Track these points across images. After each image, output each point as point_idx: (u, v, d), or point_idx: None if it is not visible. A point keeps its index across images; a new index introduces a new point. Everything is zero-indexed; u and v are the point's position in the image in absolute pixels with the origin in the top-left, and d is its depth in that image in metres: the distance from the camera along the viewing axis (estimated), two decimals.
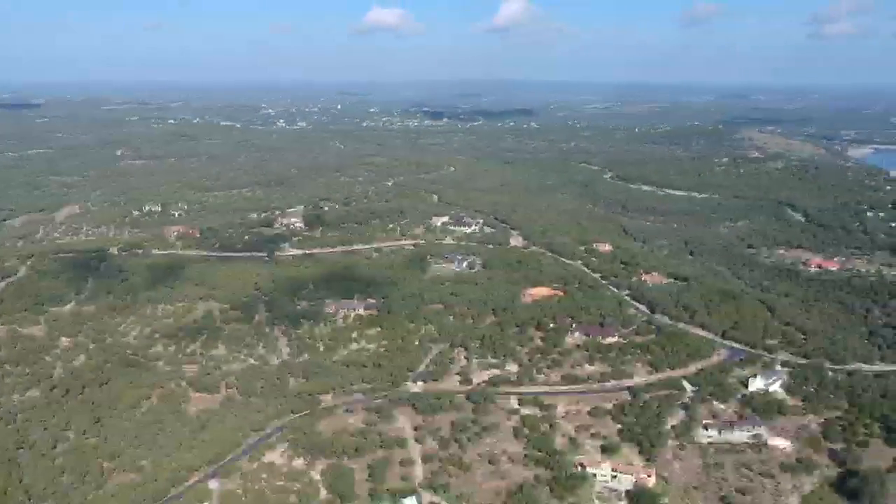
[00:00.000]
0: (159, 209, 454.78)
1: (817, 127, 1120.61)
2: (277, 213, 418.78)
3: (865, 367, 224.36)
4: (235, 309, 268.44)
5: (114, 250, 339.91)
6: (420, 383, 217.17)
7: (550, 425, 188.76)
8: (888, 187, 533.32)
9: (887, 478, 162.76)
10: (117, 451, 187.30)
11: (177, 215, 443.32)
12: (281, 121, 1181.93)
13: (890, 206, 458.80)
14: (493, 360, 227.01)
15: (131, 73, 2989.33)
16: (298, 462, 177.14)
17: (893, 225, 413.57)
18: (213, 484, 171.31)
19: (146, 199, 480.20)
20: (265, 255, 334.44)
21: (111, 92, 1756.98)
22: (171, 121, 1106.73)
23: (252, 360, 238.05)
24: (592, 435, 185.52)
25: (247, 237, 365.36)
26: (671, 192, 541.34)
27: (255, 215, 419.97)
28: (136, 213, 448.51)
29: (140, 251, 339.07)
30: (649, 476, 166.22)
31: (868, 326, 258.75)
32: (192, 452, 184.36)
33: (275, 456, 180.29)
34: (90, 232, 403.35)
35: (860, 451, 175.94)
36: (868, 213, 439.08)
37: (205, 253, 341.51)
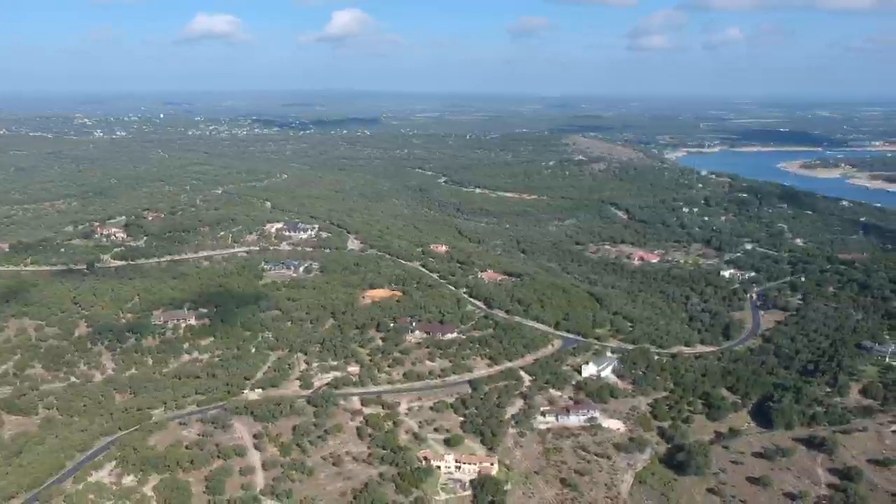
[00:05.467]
0: None
1: (636, 132, 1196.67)
2: (97, 224, 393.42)
3: (687, 349, 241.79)
4: (53, 326, 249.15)
5: None
6: (258, 391, 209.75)
7: (394, 423, 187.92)
8: (700, 185, 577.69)
9: (710, 449, 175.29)
10: None
11: None
12: (98, 131, 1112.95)
13: (703, 202, 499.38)
14: (334, 363, 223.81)
15: None
16: (129, 479, 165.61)
17: (707, 219, 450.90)
18: None
19: None
20: (84, 268, 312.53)
21: None
22: None
23: (73, 378, 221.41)
24: (436, 429, 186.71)
25: (63, 250, 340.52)
26: (503, 194, 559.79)
27: (71, 228, 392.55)
28: None
29: None
30: (492, 464, 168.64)
31: (688, 312, 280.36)
32: (7, 479, 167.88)
33: (102, 475, 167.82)
34: None
35: (685, 427, 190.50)
36: (684, 209, 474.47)
37: (16, 268, 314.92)
